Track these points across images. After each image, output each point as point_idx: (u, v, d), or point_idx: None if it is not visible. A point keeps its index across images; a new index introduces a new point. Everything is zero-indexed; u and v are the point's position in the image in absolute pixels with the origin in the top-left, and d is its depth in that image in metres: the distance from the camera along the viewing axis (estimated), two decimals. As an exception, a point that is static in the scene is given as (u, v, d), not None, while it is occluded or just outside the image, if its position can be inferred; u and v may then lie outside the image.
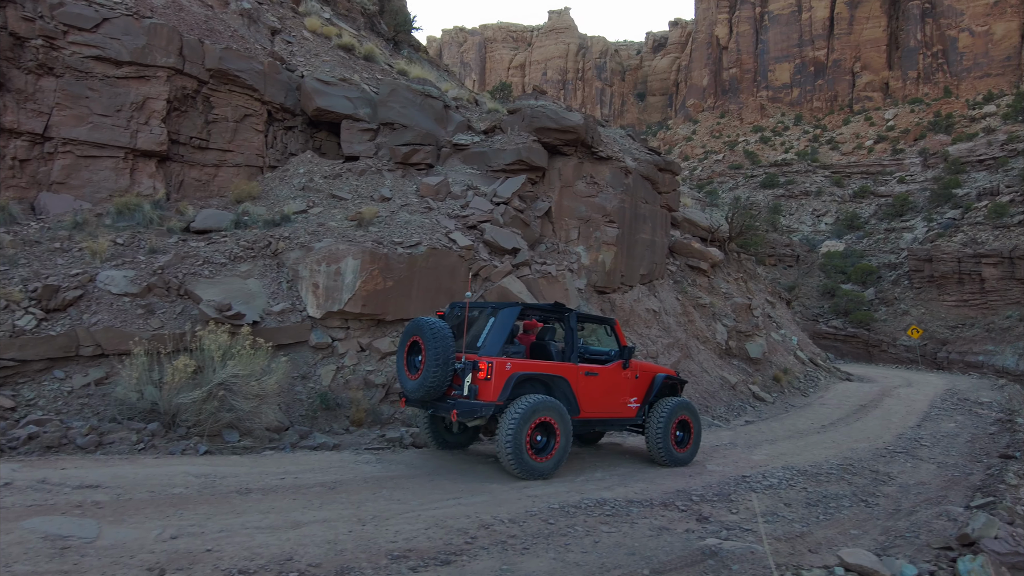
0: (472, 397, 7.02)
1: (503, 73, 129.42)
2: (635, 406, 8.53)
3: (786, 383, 19.25)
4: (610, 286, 15.40)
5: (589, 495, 6.32)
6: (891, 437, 11.96)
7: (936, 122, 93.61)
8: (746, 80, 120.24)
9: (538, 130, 15.01)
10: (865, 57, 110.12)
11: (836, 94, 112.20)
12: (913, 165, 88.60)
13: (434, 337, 6.94)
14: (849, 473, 8.14)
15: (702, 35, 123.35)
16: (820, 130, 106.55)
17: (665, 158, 18.41)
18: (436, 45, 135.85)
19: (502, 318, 7.41)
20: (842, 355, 57.85)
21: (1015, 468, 8.48)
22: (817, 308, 64.05)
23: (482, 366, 7.00)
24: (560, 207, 15.44)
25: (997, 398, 20.96)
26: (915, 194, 79.81)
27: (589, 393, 7.89)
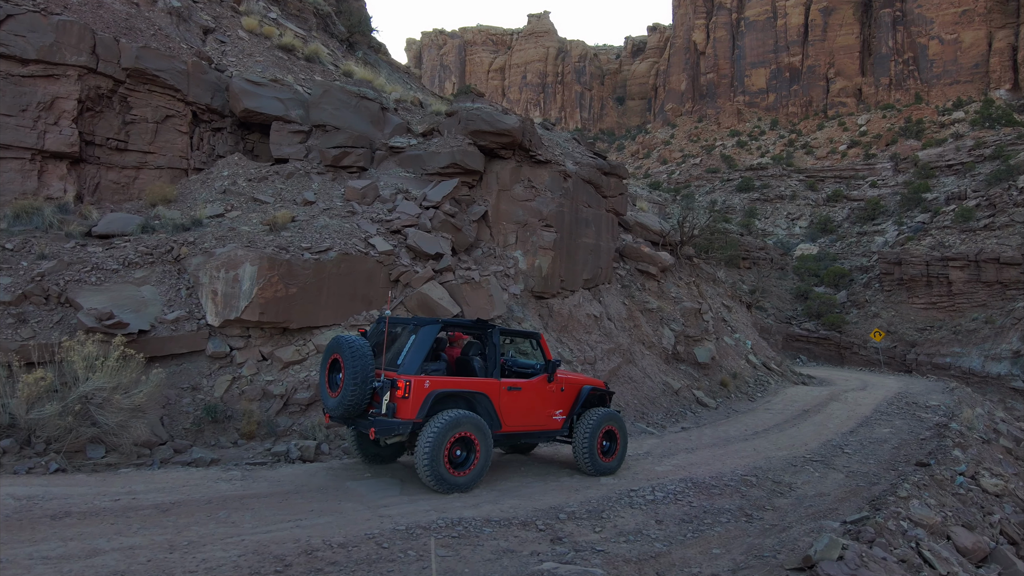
0: (390, 415, 7.02)
1: (483, 76, 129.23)
2: (561, 418, 8.59)
3: (734, 388, 19.07)
4: (548, 291, 15.12)
5: (449, 514, 6.00)
6: (817, 444, 11.77)
7: (907, 128, 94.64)
8: (723, 85, 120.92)
9: (473, 133, 14.71)
10: (839, 63, 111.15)
11: (811, 99, 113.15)
12: (885, 170, 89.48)
13: (352, 355, 6.92)
14: (748, 485, 7.88)
15: (680, 40, 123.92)
16: (795, 135, 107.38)
17: (611, 162, 18.19)
18: (415, 47, 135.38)
19: (422, 335, 7.37)
20: (815, 357, 58.14)
21: (916, 478, 8.27)
22: (791, 311, 64.37)
23: (400, 384, 7.00)
24: (498, 211, 15.14)
25: (946, 401, 20.94)
26: (886, 198, 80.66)
27: (512, 407, 7.94)
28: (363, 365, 6.92)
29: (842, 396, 20.16)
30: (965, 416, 16.68)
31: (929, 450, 11.43)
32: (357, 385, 6.89)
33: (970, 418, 16.72)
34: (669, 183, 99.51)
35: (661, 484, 7.67)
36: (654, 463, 9.24)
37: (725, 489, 7.59)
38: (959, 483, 8.95)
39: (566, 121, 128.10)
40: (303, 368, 9.62)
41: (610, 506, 6.57)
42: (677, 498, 7.01)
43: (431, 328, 7.47)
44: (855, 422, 15.10)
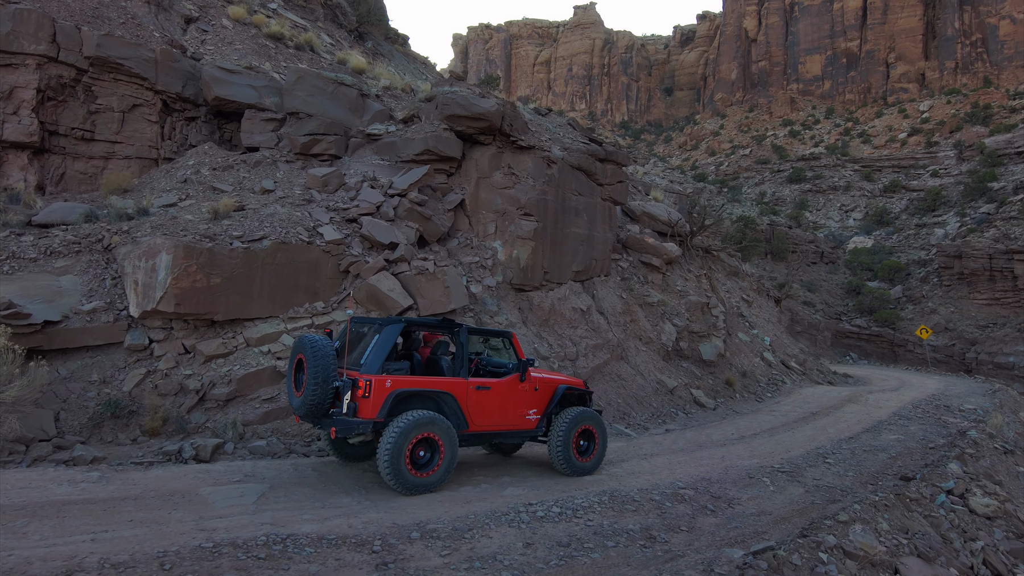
0: (351, 414, 6.97)
1: (528, 70, 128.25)
2: (535, 418, 8.36)
3: (741, 388, 17.87)
4: (529, 283, 14.33)
5: (285, 528, 5.37)
6: (801, 452, 10.67)
7: (973, 113, 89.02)
8: (775, 73, 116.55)
9: (449, 117, 14.04)
10: (900, 47, 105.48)
11: (869, 86, 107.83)
12: (947, 158, 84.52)
13: (314, 355, 6.92)
14: (679, 500, 6.98)
15: (730, 28, 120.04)
16: (852, 123, 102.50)
17: (607, 148, 17.19)
18: (462, 43, 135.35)
19: (385, 334, 7.29)
20: (866, 355, 55.29)
21: (875, 498, 7.18)
22: (841, 306, 61.47)
23: (361, 384, 6.97)
24: (476, 200, 14.43)
25: (984, 405, 19.20)
26: (949, 188, 76.19)
27: (481, 407, 7.80)
28: (324, 364, 6.89)
29: (864, 398, 18.68)
30: (993, 422, 15.10)
31: (927, 462, 10.20)
32: (318, 384, 6.85)
33: (999, 424, 15.13)
34: (717, 175, 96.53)
35: (571, 497, 6.86)
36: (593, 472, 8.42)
37: (646, 505, 6.73)
38: (939, 502, 7.80)
39: (612, 113, 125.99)
40: (227, 362, 9.18)
41: (484, 523, 5.82)
42: (576, 515, 6.20)
43: (394, 327, 7.34)
44: (862, 427, 13.81)
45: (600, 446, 8.63)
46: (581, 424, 8.40)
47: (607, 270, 17.41)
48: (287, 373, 7.46)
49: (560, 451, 8.22)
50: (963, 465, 9.69)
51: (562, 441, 8.20)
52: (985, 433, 13.38)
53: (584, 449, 8.53)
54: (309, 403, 6.94)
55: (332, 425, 6.95)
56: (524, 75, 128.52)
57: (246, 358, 9.34)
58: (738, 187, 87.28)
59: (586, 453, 8.52)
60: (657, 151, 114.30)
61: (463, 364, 7.80)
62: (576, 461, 8.33)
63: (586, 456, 8.50)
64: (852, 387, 23.46)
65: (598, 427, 8.60)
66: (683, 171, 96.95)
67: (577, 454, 8.40)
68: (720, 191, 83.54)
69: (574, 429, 8.32)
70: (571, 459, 8.27)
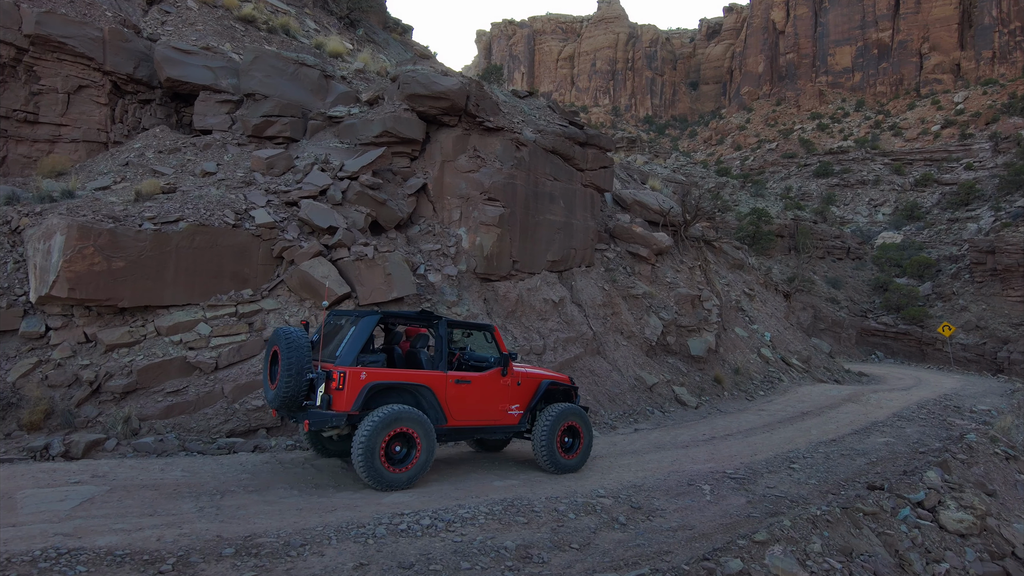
0: (325, 407, 6.80)
1: (552, 65, 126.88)
2: (517, 413, 8.16)
3: (731, 385, 16.79)
4: (495, 273, 13.48)
5: (74, 541, 4.58)
6: (769, 456, 9.66)
7: (1011, 104, 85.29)
8: (804, 65, 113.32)
9: (409, 97, 13.26)
10: (934, 37, 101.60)
11: (902, 77, 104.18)
12: (982, 150, 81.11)
13: (288, 347, 6.78)
14: (588, 511, 6.07)
15: (758, 20, 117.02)
16: (883, 116, 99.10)
17: (588, 131, 16.22)
18: (485, 39, 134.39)
19: (360, 327, 7.13)
20: (892, 353, 53.26)
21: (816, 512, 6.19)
22: (867, 303, 59.38)
23: (334, 376, 6.80)
24: (441, 185, 13.64)
25: (1000, 406, 17.83)
26: (983, 181, 73.13)
27: (460, 401, 7.62)
28: (298, 356, 6.75)
29: (865, 397, 17.43)
30: (1000, 425, 13.82)
31: (908, 468, 9.12)
32: (292, 376, 6.72)
33: (1006, 427, 13.84)
34: (742, 169, 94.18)
35: (459, 505, 6.01)
36: (510, 477, 7.56)
37: (545, 516, 5.85)
38: (902, 516, 6.78)
39: (636, 108, 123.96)
40: (130, 352, 8.55)
41: (325, 538, 5.00)
42: (450, 527, 5.34)
43: (370, 319, 7.19)
44: (851, 429, 12.70)
45: (585, 443, 8.43)
46: (566, 421, 8.21)
47: (590, 260, 16.47)
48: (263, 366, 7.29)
49: (544, 448, 8.04)
50: (945, 473, 8.59)
51: (546, 438, 8.01)
52: (987, 437, 12.16)
53: (569, 446, 8.33)
54: (282, 395, 6.77)
55: (306, 418, 6.75)
56: (547, 71, 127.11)
57: (153, 348, 8.70)
58: (762, 182, 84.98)
59: (571, 450, 8.34)
60: (681, 146, 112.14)
61: (442, 357, 7.59)
62: (560, 458, 8.14)
63: (571, 453, 8.32)
64: (859, 386, 22.13)
65: (583, 424, 8.41)
66: (706, 166, 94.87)
67: (562, 451, 8.22)
68: (743, 186, 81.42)
69: (558, 426, 8.12)
70: (555, 456, 8.09)
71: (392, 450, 6.86)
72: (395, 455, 6.88)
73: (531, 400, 8.31)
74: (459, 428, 7.65)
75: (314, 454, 8.09)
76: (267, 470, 7.30)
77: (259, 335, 9.43)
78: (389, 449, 6.83)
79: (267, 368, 7.21)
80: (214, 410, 8.48)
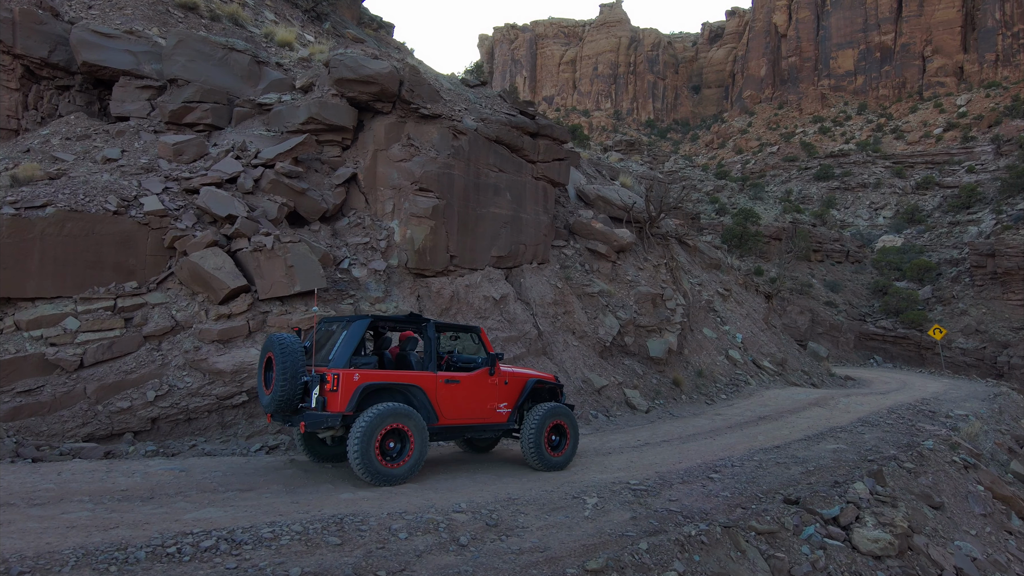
0: (320, 408, 6.98)
1: (554, 69, 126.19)
2: (505, 411, 8.37)
3: (691, 388, 15.87)
4: (428, 268, 12.64)
5: None
6: (695, 463, 8.76)
7: (1014, 107, 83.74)
8: (806, 69, 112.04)
9: (338, 82, 12.48)
10: (937, 40, 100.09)
11: (904, 80, 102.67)
12: (984, 153, 79.64)
13: (282, 352, 6.95)
14: (429, 529, 5.20)
15: (760, 23, 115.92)
16: (884, 119, 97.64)
17: (539, 121, 15.37)
18: (487, 43, 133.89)
19: (352, 330, 7.35)
20: (891, 358, 52.04)
21: (691, 532, 5.30)
22: (866, 307, 58.20)
23: (329, 378, 6.97)
24: (374, 175, 12.84)
25: (980, 411, 16.79)
26: (985, 184, 71.74)
27: (450, 400, 7.83)
28: (292, 360, 6.93)
29: (835, 401, 16.44)
30: (968, 430, 12.85)
31: (844, 478, 8.19)
32: (287, 380, 6.90)
33: (973, 433, 12.88)
34: (743, 173, 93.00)
35: (275, 522, 5.15)
36: (365, 488, 6.70)
37: (370, 536, 4.96)
38: (806, 536, 5.88)
39: (638, 112, 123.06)
40: (-23, 346, 7.80)
41: (65, 562, 4.20)
42: (235, 550, 4.41)
43: (361, 323, 7.41)
44: (803, 435, 11.76)
45: (572, 441, 8.60)
46: (553, 419, 8.39)
47: (543, 257, 15.62)
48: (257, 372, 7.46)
49: (532, 446, 8.19)
50: (878, 484, 7.67)
51: (534, 436, 8.17)
52: (948, 443, 11.20)
53: (556, 444, 8.50)
54: (278, 399, 6.93)
55: (302, 420, 6.88)
56: (550, 75, 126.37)
57: (7, 344, 7.94)
58: (761, 185, 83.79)
59: (558, 448, 8.50)
60: (683, 150, 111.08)
61: (431, 358, 7.78)
62: (548, 456, 8.30)
63: (558, 451, 8.47)
64: (838, 389, 21.14)
65: (569, 422, 8.59)
66: (706, 169, 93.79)
67: (549, 449, 8.38)
68: (741, 188, 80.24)
69: (546, 424, 8.29)
70: (543, 454, 8.25)
71: (387, 446, 7.00)
72: (390, 451, 7.03)
73: (518, 398, 8.50)
74: (450, 427, 7.86)
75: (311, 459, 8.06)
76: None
77: (138, 331, 8.66)
78: (384, 445, 6.97)
79: (261, 374, 7.34)
80: (72, 412, 7.72)
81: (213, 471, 7.11)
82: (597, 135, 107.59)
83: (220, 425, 8.50)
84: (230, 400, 8.61)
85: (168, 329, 8.82)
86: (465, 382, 7.99)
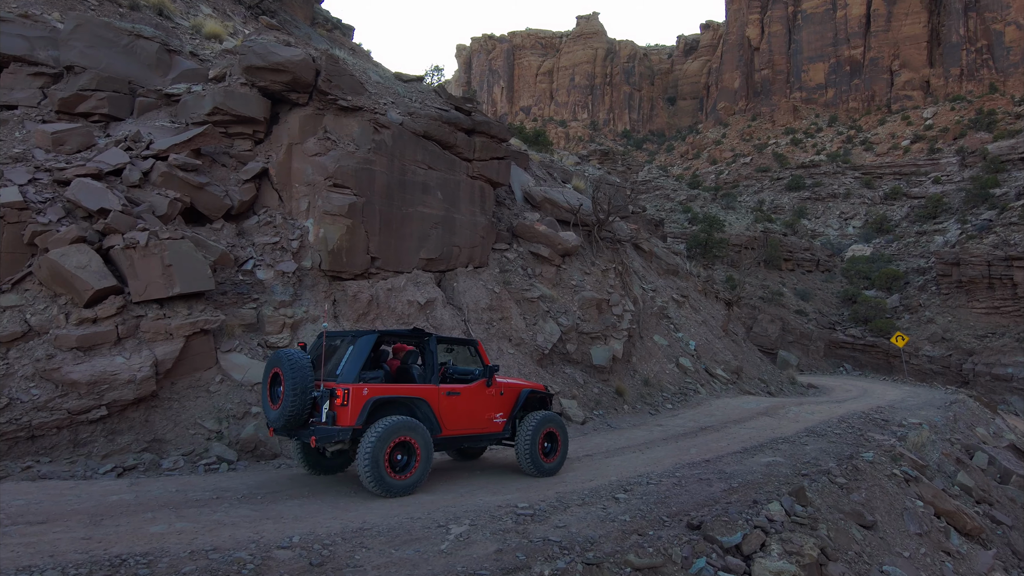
0: (330, 423, 7.03)
1: (531, 80, 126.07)
2: (501, 421, 8.54)
3: (635, 398, 15.04)
4: (345, 270, 11.70)
5: None
6: (607, 481, 7.88)
7: (978, 119, 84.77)
8: (778, 81, 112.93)
9: (247, 70, 11.55)
10: (904, 54, 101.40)
11: (873, 94, 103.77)
12: (950, 165, 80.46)
13: (292, 368, 6.97)
14: (232, 571, 4.31)
15: (733, 36, 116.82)
16: (854, 131, 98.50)
17: (476, 117, 14.53)
18: (465, 53, 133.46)
19: (359, 345, 7.41)
20: (860, 366, 51.83)
21: (541, 572, 4.46)
22: (836, 315, 58.09)
23: (339, 392, 7.04)
24: (288, 170, 11.90)
25: (935, 419, 16.13)
26: (950, 195, 72.33)
27: (452, 412, 7.95)
28: (302, 376, 6.97)
29: (784, 410, 15.70)
30: (914, 440, 12.13)
31: (763, 497, 7.36)
32: (297, 396, 6.92)
33: (920, 443, 12.16)
34: (716, 183, 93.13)
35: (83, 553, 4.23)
36: (183, 519, 5.71)
37: None
38: (695, 570, 5.03)
39: (614, 123, 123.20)
40: None
41: None
42: None
43: (368, 338, 7.48)
44: (742, 446, 10.96)
45: (563, 447, 8.86)
46: (546, 427, 8.60)
47: (481, 260, 14.74)
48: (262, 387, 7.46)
49: (527, 453, 8.36)
50: (798, 502, 6.84)
51: (529, 443, 8.36)
52: (890, 455, 10.45)
53: (548, 451, 8.70)
54: (288, 414, 6.94)
55: (312, 435, 6.96)
56: (527, 85, 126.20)
57: None
58: (734, 195, 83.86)
59: (550, 454, 8.71)
60: (659, 160, 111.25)
61: (433, 372, 7.92)
62: (542, 462, 8.48)
63: (550, 457, 8.68)
64: (795, 397, 20.48)
65: (560, 429, 8.84)
66: (680, 179, 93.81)
67: (543, 455, 8.58)
68: (714, 198, 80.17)
69: (540, 432, 8.49)
70: (537, 460, 8.42)
71: (394, 458, 7.10)
72: (397, 463, 7.12)
73: (513, 408, 8.65)
74: (451, 437, 7.99)
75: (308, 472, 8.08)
76: None
77: (-21, 335, 7.62)
78: (392, 458, 7.06)
79: (266, 389, 7.35)
80: None
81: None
82: (574, 145, 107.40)
83: (72, 443, 7.47)
84: (86, 415, 7.59)
85: (19, 335, 7.80)
86: (465, 394, 8.15)
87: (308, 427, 7.10)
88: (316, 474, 8.05)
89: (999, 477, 13.28)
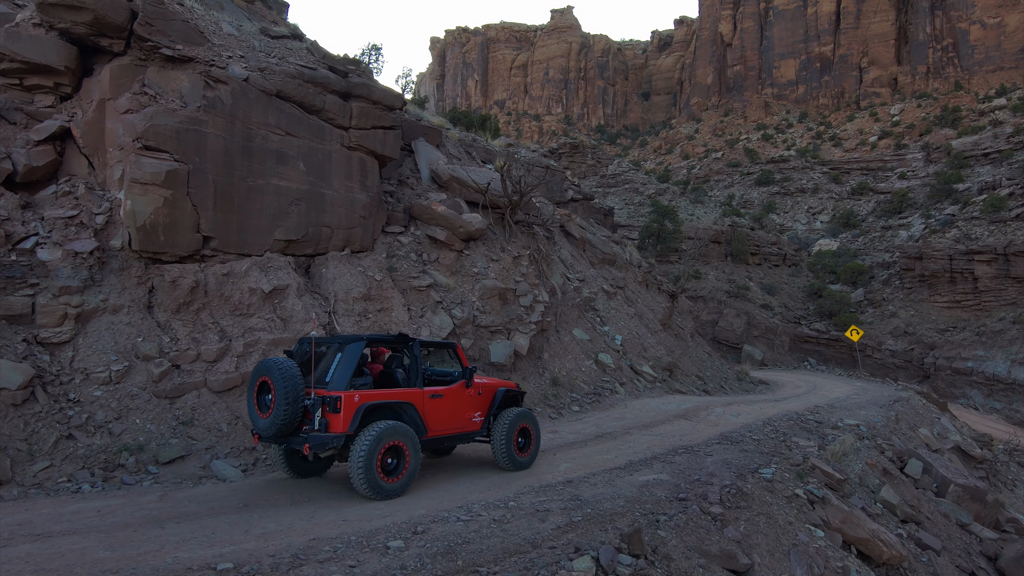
0: (323, 430, 7.04)
1: (505, 73, 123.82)
2: (479, 420, 8.72)
3: (538, 399, 13.13)
4: (166, 251, 9.63)
5: None
6: (395, 520, 5.98)
7: (943, 116, 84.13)
8: (750, 77, 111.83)
9: (42, 7, 9.42)
10: (873, 52, 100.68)
11: (843, 90, 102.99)
12: (915, 160, 79.70)
13: (282, 377, 6.94)
14: None
15: (706, 32, 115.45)
16: (824, 127, 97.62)
17: (353, 79, 12.47)
18: (439, 46, 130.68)
19: (348, 352, 7.42)
20: (825, 360, 50.54)
21: None
22: (801, 310, 56.76)
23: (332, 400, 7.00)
24: (100, 131, 9.80)
25: (874, 419, 14.42)
26: (915, 190, 71.52)
27: (436, 413, 8.07)
28: (293, 385, 6.94)
29: (705, 412, 13.88)
30: (834, 449, 10.34)
31: (593, 542, 5.46)
32: (289, 404, 6.91)
33: (843, 451, 10.37)
34: (688, 178, 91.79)
35: None
36: None
37: None
38: None
39: (588, 117, 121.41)
40: None
41: None
42: None
43: (356, 345, 7.50)
44: (628, 460, 9.13)
45: (535, 442, 8.98)
46: (520, 423, 8.74)
47: (363, 243, 12.75)
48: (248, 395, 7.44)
49: (503, 449, 8.50)
50: (632, 550, 4.96)
51: (505, 439, 8.50)
52: (798, 470, 8.63)
53: (522, 446, 8.82)
54: (280, 423, 6.94)
55: (305, 442, 6.97)
56: (501, 78, 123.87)
57: None
58: (703, 189, 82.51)
59: (524, 449, 8.84)
60: (632, 155, 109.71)
61: (417, 375, 8.00)
62: (516, 457, 8.65)
63: (524, 452, 8.82)
64: (728, 396, 18.72)
65: (533, 425, 8.97)
66: (650, 173, 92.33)
67: (517, 450, 8.70)
68: (683, 192, 78.62)
69: (514, 428, 8.62)
70: (512, 455, 8.57)
71: (385, 462, 7.15)
72: (388, 467, 7.17)
73: (490, 407, 8.78)
74: (435, 438, 8.10)
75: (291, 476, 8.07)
76: None
77: None
78: (383, 461, 7.10)
79: (252, 397, 7.30)
80: None
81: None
82: (547, 139, 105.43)
83: None
84: None
85: None
86: (447, 395, 8.25)
87: (300, 434, 7.10)
88: (296, 477, 8.07)
89: (936, 487, 11.58)
